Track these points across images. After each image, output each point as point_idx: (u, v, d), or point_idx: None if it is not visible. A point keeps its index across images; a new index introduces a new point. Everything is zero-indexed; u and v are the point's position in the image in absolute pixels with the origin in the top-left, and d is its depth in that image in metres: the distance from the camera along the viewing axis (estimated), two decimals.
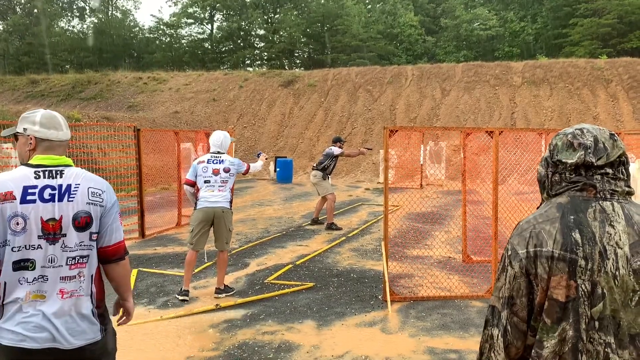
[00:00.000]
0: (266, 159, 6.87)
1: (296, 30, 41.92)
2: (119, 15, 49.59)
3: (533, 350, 1.53)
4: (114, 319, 2.55)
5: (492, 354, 1.59)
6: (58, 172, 2.26)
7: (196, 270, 6.97)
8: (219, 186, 5.87)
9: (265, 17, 46.53)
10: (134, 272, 6.90)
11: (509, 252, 1.58)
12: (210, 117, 25.46)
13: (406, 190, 14.13)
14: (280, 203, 14.10)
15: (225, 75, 29.63)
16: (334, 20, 41.67)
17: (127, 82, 29.29)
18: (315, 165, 10.45)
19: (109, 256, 2.33)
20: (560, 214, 1.55)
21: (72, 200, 2.23)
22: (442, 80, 25.93)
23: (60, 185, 2.23)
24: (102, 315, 2.34)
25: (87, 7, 50.13)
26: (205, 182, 5.86)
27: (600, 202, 1.55)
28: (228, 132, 18.92)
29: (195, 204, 5.91)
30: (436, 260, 7.61)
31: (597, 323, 1.47)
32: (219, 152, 6.02)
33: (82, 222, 2.23)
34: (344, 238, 9.27)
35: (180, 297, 5.70)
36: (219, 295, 5.83)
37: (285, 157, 21.81)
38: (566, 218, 1.53)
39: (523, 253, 1.54)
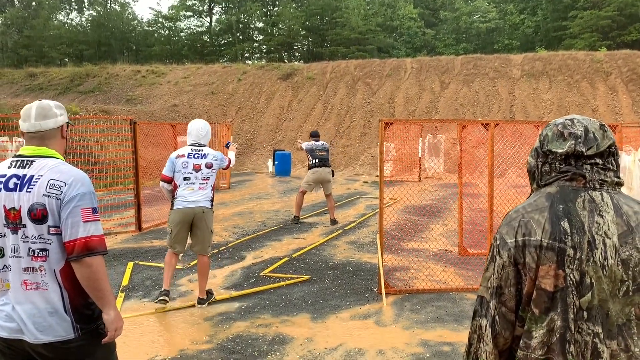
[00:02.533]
0: (236, 148, 6.32)
1: (295, 23, 41.73)
2: (117, 8, 49.34)
3: (521, 341, 1.53)
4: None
5: (481, 345, 1.58)
6: (29, 162, 2.23)
7: (192, 263, 6.98)
8: (200, 184, 5.29)
9: (264, 10, 46.34)
10: (130, 265, 6.89)
11: (498, 242, 1.58)
12: (209, 111, 25.40)
13: (404, 183, 14.12)
14: (278, 196, 14.09)
15: (224, 68, 29.53)
16: (333, 13, 41.48)
17: (126, 75, 29.20)
18: (324, 162, 10.09)
19: (68, 253, 2.18)
20: (549, 204, 1.54)
21: (29, 191, 2.17)
22: (441, 73, 25.85)
23: (25, 175, 2.20)
24: (83, 314, 2.23)
25: (85, 0, 49.92)
26: (185, 179, 5.26)
27: (589, 192, 1.55)
28: (227, 125, 18.70)
29: (173, 202, 5.33)
30: (432, 253, 7.61)
31: (585, 313, 1.47)
32: (200, 145, 5.40)
33: (37, 215, 2.15)
34: (340, 231, 9.27)
35: (160, 298, 5.20)
36: (202, 306, 5.30)
37: (284, 150, 21.77)
38: (555, 207, 1.53)
39: (512, 242, 1.53)
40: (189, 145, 5.40)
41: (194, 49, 43.84)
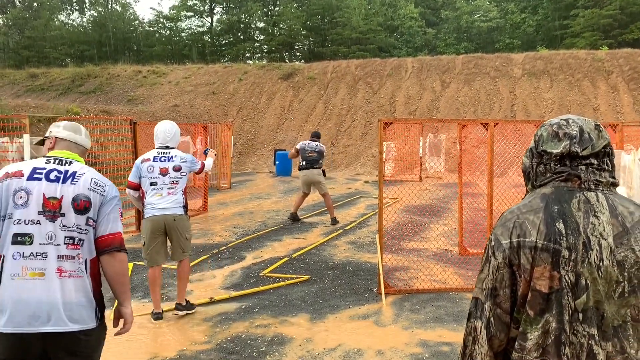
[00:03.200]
0: (215, 155, 5.95)
1: (296, 22, 41.72)
2: (118, 8, 49.39)
3: (516, 343, 1.52)
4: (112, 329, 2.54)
5: (476, 347, 1.57)
6: (67, 162, 2.45)
7: (191, 264, 6.96)
8: (169, 188, 4.94)
9: (265, 10, 46.33)
10: (130, 265, 6.89)
11: (492, 243, 1.57)
12: (210, 111, 25.41)
13: (405, 182, 14.11)
14: (278, 196, 14.08)
15: (225, 68, 29.53)
16: (334, 13, 41.45)
17: (127, 76, 29.22)
18: (312, 163, 9.86)
19: (104, 246, 2.36)
20: (544, 204, 1.53)
21: (75, 184, 2.36)
22: (442, 72, 25.82)
23: (67, 171, 2.40)
24: (99, 305, 2.38)
25: (86, 1, 49.97)
26: (152, 184, 4.92)
27: (584, 192, 1.54)
28: (227, 125, 18.68)
29: (143, 211, 5.04)
30: (432, 253, 7.60)
31: (580, 315, 1.46)
32: (167, 147, 5.05)
33: (81, 206, 2.33)
34: (341, 231, 9.26)
35: (154, 320, 4.92)
36: (179, 312, 5.01)
37: (285, 150, 21.76)
38: (550, 208, 1.52)
39: (506, 243, 1.52)
40: (156, 148, 5.08)
41: (195, 49, 43.85)
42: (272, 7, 46.85)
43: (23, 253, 2.22)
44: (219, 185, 15.58)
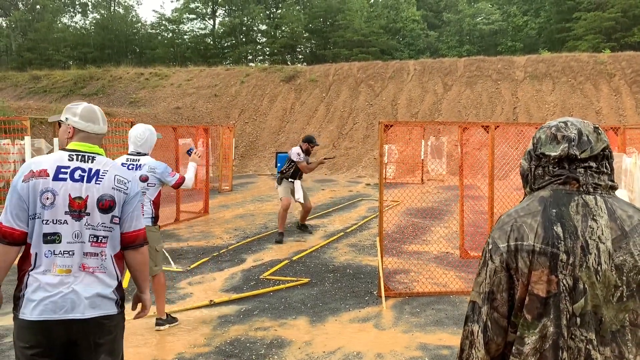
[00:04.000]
0: (199, 156, 5.36)
1: (298, 25, 41.76)
2: (121, 11, 49.54)
3: (513, 347, 1.50)
4: (131, 313, 2.72)
5: (473, 351, 1.56)
6: (90, 157, 2.47)
7: (191, 266, 6.96)
8: None
9: (267, 12, 46.40)
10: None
11: (490, 246, 1.55)
12: (212, 113, 25.44)
13: (407, 185, 14.09)
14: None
15: (227, 70, 29.56)
16: (336, 15, 41.49)
17: (129, 78, 29.27)
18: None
19: (129, 242, 2.48)
20: (542, 208, 1.52)
21: (99, 184, 2.42)
22: (444, 74, 25.80)
23: (90, 169, 2.44)
24: (120, 295, 2.48)
25: (89, 3, 50.10)
26: None
27: (583, 195, 1.52)
28: (229, 128, 18.65)
29: None
30: (433, 256, 7.57)
31: (578, 319, 1.45)
32: (138, 154, 4.70)
33: (105, 205, 2.41)
34: (342, 234, 9.24)
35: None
36: (160, 328, 4.77)
37: (287, 152, 21.76)
38: (548, 211, 1.50)
39: (504, 247, 1.51)
40: (128, 154, 4.74)
41: (197, 52, 43.93)
42: (274, 10, 46.92)
43: (54, 251, 2.32)
44: (220, 187, 15.58)
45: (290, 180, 8.78)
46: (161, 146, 12.23)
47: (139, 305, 2.74)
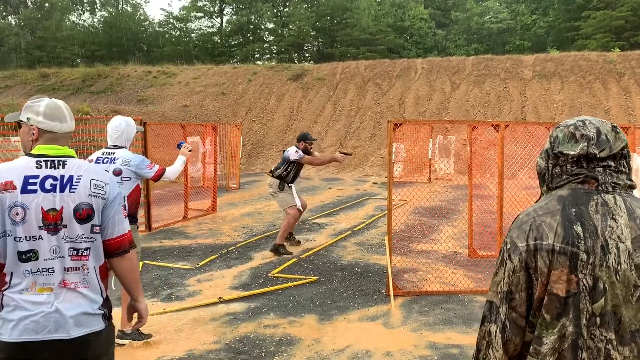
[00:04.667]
0: (189, 150, 5.20)
1: (305, 23, 41.75)
2: (129, 9, 49.73)
3: (531, 347, 1.50)
4: (117, 322, 2.52)
5: (490, 351, 1.55)
6: (60, 162, 2.22)
7: (200, 264, 6.99)
8: None
9: (275, 11, 46.42)
10: (139, 264, 6.91)
11: (508, 246, 1.55)
12: (219, 111, 25.49)
13: (414, 184, 14.06)
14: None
15: (234, 69, 29.60)
16: (344, 14, 41.43)
17: (137, 76, 29.38)
18: (272, 170, 8.04)
19: (114, 250, 2.27)
20: (561, 207, 1.52)
21: (74, 192, 2.18)
22: (452, 73, 25.72)
23: (63, 176, 2.19)
24: (107, 307, 2.31)
25: (97, 1, 50.32)
26: None
27: (602, 195, 1.52)
28: (236, 126, 18.60)
29: None
30: (442, 255, 7.56)
31: (598, 319, 1.44)
32: (115, 147, 4.45)
33: (83, 214, 2.18)
34: (349, 232, 9.24)
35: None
36: (121, 341, 4.30)
37: None
38: (567, 210, 1.50)
39: (523, 246, 1.50)
40: (106, 147, 4.50)
41: (204, 50, 44.02)
42: (282, 8, 46.93)
43: (31, 269, 2.12)
44: (228, 185, 15.61)
45: (289, 185, 7.90)
46: (169, 144, 12.28)
47: (135, 316, 2.53)
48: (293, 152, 7.66)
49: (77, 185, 2.19)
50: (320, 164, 8.32)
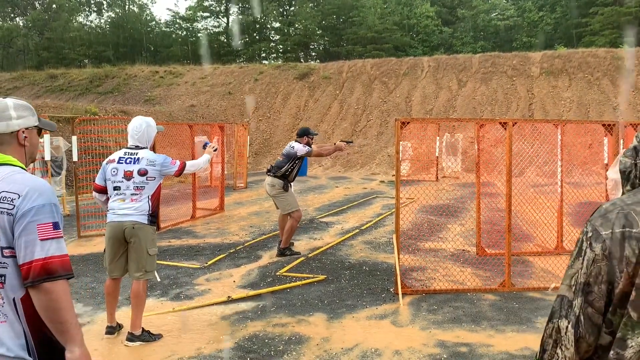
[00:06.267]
0: (214, 150, 5.14)
1: (311, 22, 41.77)
2: (135, 9, 49.91)
3: (612, 350, 1.33)
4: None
5: (559, 350, 1.40)
6: None
7: (209, 263, 7.02)
8: (132, 194, 4.38)
9: (281, 10, 46.45)
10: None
11: (590, 234, 1.39)
12: (226, 111, 25.56)
13: (421, 182, 14.04)
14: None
15: (240, 68, 29.68)
16: (350, 12, 41.42)
17: (144, 76, 29.51)
18: (270, 168, 7.58)
19: (24, 278, 1.76)
20: None
21: None
22: (459, 71, 25.65)
23: None
24: (48, 352, 1.85)
25: (104, 2, 50.56)
26: (115, 188, 4.41)
27: None
28: (243, 125, 18.69)
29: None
30: (450, 253, 7.55)
31: None
32: (137, 147, 4.49)
33: None
34: (357, 231, 9.25)
35: (105, 335, 4.54)
36: (130, 344, 4.39)
37: None
38: None
39: (607, 234, 1.35)
40: (126, 147, 4.54)
41: (211, 50, 44.12)
42: (288, 7, 46.95)
43: None
44: (235, 184, 15.66)
45: (290, 184, 7.55)
46: (177, 143, 12.34)
47: None
48: (301, 148, 7.38)
49: None
50: (328, 155, 8.11)
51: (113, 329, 4.59)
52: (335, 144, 7.65)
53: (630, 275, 1.30)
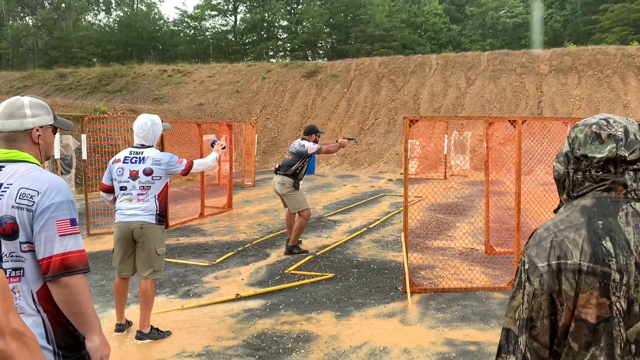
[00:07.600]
0: (223, 148, 5.09)
1: (319, 20, 41.74)
2: (144, 8, 50.10)
3: None
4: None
5: None
6: None
7: (217, 261, 7.04)
8: (138, 194, 4.35)
9: (288, 8, 46.46)
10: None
11: (527, 266, 1.35)
12: (234, 109, 25.60)
13: (430, 180, 14.00)
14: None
15: (248, 66, 29.72)
16: (357, 10, 41.36)
17: (152, 75, 29.62)
18: (279, 167, 7.52)
19: (43, 273, 1.85)
20: (585, 219, 1.33)
21: None
22: (467, 69, 25.54)
23: None
24: (66, 342, 1.90)
25: (112, 1, 50.80)
26: (122, 188, 4.38)
27: (631, 203, 1.34)
28: (251, 124, 18.70)
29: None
30: (458, 252, 7.53)
31: (633, 346, 1.27)
32: (142, 146, 4.47)
33: (7, 229, 1.84)
34: (365, 229, 9.24)
35: (115, 332, 4.59)
36: (139, 342, 4.42)
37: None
38: (593, 224, 1.31)
39: (543, 267, 1.31)
40: (132, 146, 4.51)
41: (219, 48, 44.22)
42: (295, 5, 46.94)
43: None
44: (243, 183, 15.69)
45: (301, 182, 7.56)
46: (185, 142, 12.39)
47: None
48: (311, 145, 7.35)
49: (3, 194, 1.86)
50: (335, 152, 8.20)
51: (122, 327, 4.64)
52: (337, 141, 7.74)
53: (570, 309, 1.29)
